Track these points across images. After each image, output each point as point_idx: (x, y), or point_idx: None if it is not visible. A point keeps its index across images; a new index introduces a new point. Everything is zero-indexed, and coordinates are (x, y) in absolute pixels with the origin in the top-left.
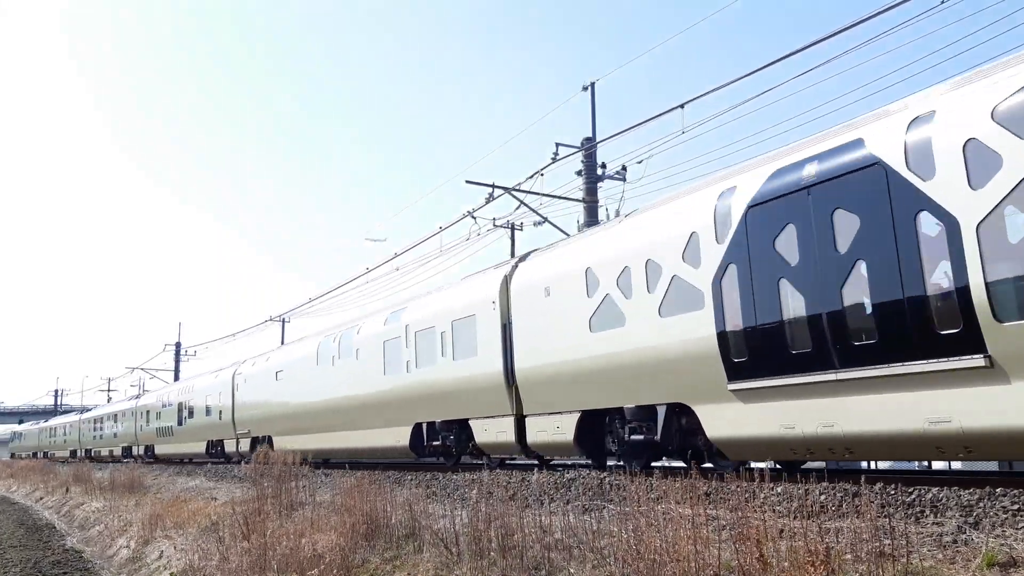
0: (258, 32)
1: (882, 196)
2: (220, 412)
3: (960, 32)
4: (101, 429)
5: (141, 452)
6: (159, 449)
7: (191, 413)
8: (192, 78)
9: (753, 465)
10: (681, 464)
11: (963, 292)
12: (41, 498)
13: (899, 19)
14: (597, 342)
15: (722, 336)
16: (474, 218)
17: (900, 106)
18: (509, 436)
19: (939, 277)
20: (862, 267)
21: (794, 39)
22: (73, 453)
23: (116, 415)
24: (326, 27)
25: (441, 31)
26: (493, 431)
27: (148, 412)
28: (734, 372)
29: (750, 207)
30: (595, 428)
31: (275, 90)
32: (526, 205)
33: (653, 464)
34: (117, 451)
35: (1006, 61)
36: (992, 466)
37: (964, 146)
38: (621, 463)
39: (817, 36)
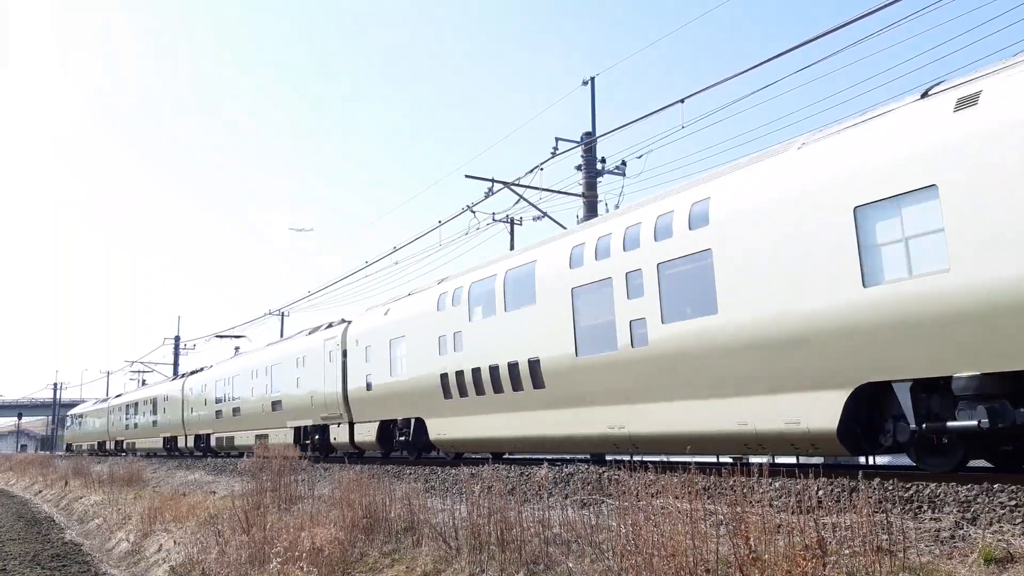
0: (258, 27)
1: None
2: None
3: (960, 29)
4: (235, 397)
5: (347, 439)
6: (440, 430)
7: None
8: (191, 70)
9: (751, 460)
10: None
11: None
12: (40, 491)
13: (899, 15)
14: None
15: None
16: (473, 212)
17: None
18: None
19: None
20: None
21: (794, 35)
22: (171, 443)
23: (270, 370)
24: (325, 25)
25: (441, 27)
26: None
27: (368, 350)
28: None
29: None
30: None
31: (275, 87)
32: (525, 200)
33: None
34: (283, 436)
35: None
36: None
37: None
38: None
39: (817, 32)
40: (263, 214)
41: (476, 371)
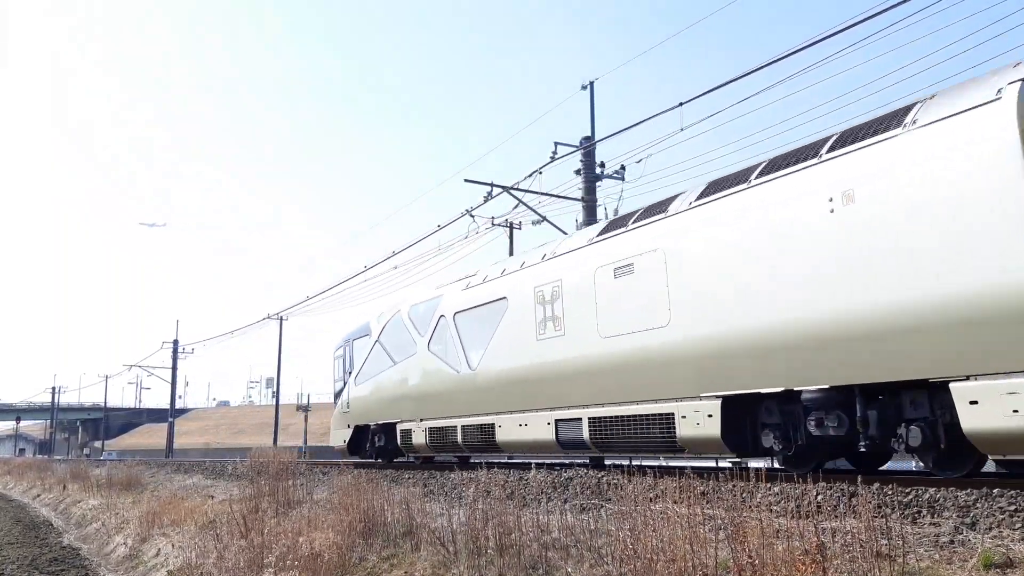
0: (257, 33)
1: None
2: None
3: (961, 31)
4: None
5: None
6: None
7: None
8: (187, 80)
9: (751, 464)
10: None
11: None
12: (38, 495)
13: (898, 17)
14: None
15: None
16: (472, 217)
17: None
18: None
19: None
20: None
21: (793, 39)
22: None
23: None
24: (321, 26)
25: (440, 31)
26: None
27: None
28: None
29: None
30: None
31: (270, 94)
32: (525, 204)
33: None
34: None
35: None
36: (990, 466)
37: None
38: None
39: (815, 36)
40: (257, 217)
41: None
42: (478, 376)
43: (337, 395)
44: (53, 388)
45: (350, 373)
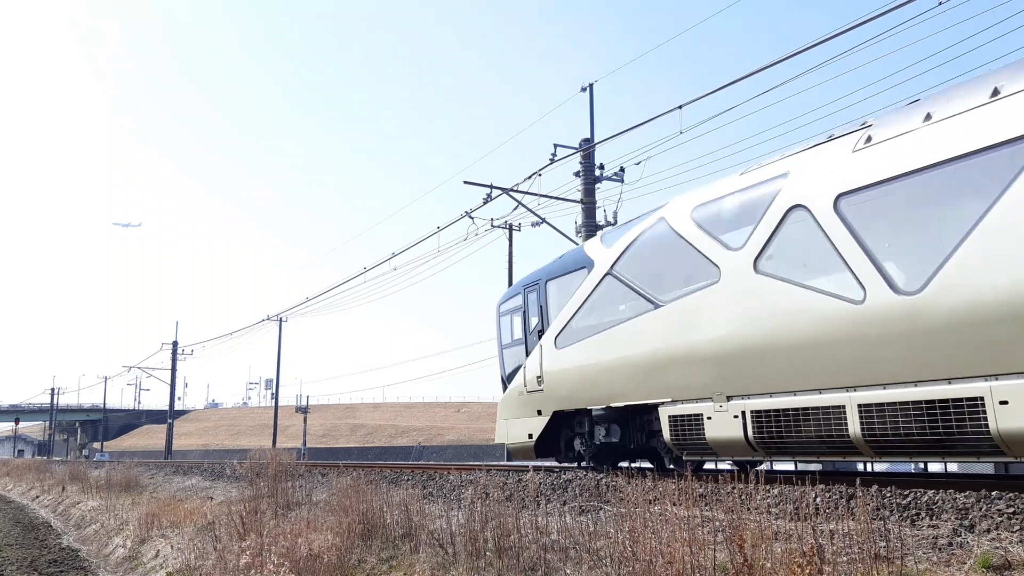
0: (256, 32)
1: None
2: None
3: (959, 34)
4: None
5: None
6: None
7: None
8: (187, 76)
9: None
10: None
11: None
12: (37, 496)
13: (898, 20)
14: None
15: None
16: (472, 218)
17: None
18: None
19: None
20: None
21: (792, 42)
22: None
23: None
24: (321, 26)
25: (439, 31)
26: None
27: None
28: None
29: None
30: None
31: (270, 94)
32: (524, 206)
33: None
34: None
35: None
36: (988, 468)
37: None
38: None
39: (815, 39)
40: (249, 218)
41: None
42: (922, 305)
43: (513, 372)
44: (52, 389)
45: (541, 332)
